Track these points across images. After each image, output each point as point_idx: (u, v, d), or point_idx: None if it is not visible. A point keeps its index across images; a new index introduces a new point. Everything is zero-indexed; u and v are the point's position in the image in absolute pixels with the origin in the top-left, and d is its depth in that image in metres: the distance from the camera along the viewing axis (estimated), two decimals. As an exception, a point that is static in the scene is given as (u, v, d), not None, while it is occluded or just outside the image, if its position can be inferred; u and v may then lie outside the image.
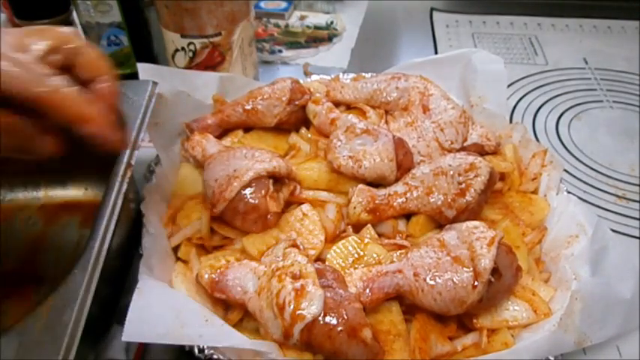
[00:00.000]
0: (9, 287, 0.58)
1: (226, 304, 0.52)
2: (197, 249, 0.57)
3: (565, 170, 0.74)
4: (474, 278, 0.46)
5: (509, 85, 0.92)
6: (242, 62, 0.80)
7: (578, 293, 0.49)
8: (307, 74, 0.90)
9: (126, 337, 0.43)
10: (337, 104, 0.73)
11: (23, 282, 0.59)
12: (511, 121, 0.80)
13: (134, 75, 0.77)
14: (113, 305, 0.55)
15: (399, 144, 0.61)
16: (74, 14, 0.81)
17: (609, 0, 1.17)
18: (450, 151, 0.64)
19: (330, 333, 0.43)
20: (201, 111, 0.71)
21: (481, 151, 0.65)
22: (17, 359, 0.38)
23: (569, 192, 0.61)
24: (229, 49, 0.77)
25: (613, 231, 0.57)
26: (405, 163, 0.60)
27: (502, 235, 0.49)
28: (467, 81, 0.75)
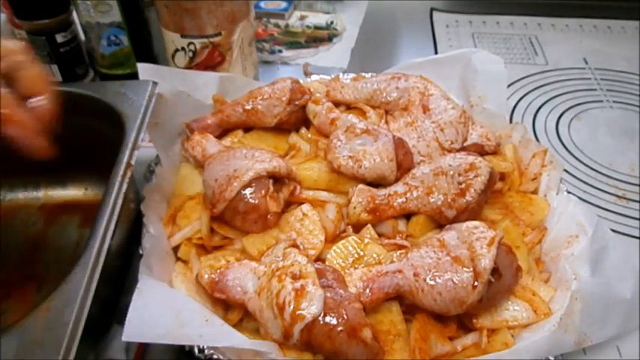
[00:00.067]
0: (9, 287, 0.58)
1: (226, 304, 0.52)
2: (197, 249, 0.57)
3: (565, 170, 0.74)
4: (474, 278, 0.46)
5: (509, 85, 0.92)
6: (242, 62, 0.80)
7: (578, 293, 0.49)
8: (307, 74, 0.90)
9: (126, 337, 0.43)
10: (337, 104, 0.73)
11: (23, 282, 0.59)
12: (511, 121, 0.80)
13: (134, 75, 0.77)
14: (113, 305, 0.55)
15: (399, 144, 0.61)
16: (74, 14, 0.81)
17: (609, 0, 1.17)
18: (450, 151, 0.64)
19: (330, 333, 0.43)
20: (201, 111, 0.71)
21: (481, 151, 0.65)
22: (17, 359, 0.38)
23: (569, 192, 0.61)
24: (229, 49, 0.77)
25: (613, 231, 0.57)
26: (405, 163, 0.60)
27: (502, 235, 0.49)
28: (467, 81, 0.75)
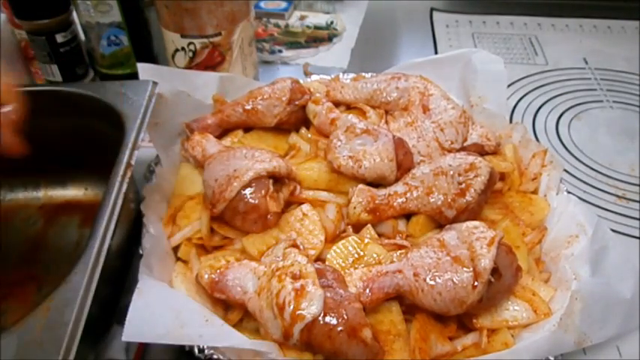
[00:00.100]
0: (9, 287, 0.58)
1: (226, 304, 0.52)
2: (197, 249, 0.57)
3: (565, 170, 0.74)
4: (474, 278, 0.46)
5: (509, 85, 0.92)
6: (242, 62, 0.80)
7: (578, 293, 0.49)
8: (307, 74, 0.89)
9: (126, 337, 0.43)
10: (337, 104, 0.73)
11: (23, 282, 0.59)
12: (511, 121, 0.80)
13: (134, 75, 0.77)
14: (113, 305, 0.55)
15: (399, 144, 0.61)
16: (74, 14, 0.81)
17: (609, 0, 1.17)
18: (450, 151, 0.64)
19: (330, 333, 0.43)
20: (201, 111, 0.71)
21: (481, 151, 0.65)
22: (17, 359, 0.38)
23: (569, 192, 0.61)
24: (229, 49, 0.77)
25: (613, 231, 0.57)
26: (405, 163, 0.60)
27: (502, 235, 0.49)
28: (467, 81, 0.75)
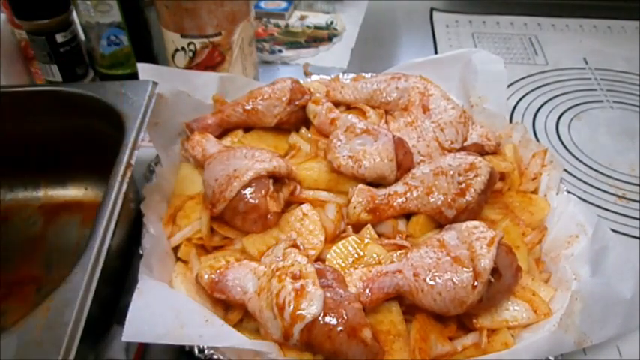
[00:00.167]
0: (9, 287, 0.58)
1: (226, 304, 0.52)
2: (197, 249, 0.57)
3: (565, 170, 0.74)
4: (474, 278, 0.46)
5: (509, 85, 0.92)
6: (242, 62, 0.80)
7: (578, 293, 0.49)
8: (307, 74, 0.89)
9: (126, 337, 0.43)
10: (337, 104, 0.73)
11: (23, 282, 0.59)
12: (511, 121, 0.80)
13: (134, 75, 0.77)
14: (113, 305, 0.55)
15: (399, 144, 0.61)
16: (74, 14, 0.81)
17: (609, 0, 1.17)
18: (450, 151, 0.64)
19: (330, 333, 0.43)
20: (201, 111, 0.71)
21: (481, 151, 0.65)
22: (17, 359, 0.38)
23: (569, 192, 0.61)
24: (229, 49, 0.77)
25: (613, 231, 0.56)
26: (405, 163, 0.60)
27: (502, 235, 0.49)
28: (467, 81, 0.75)
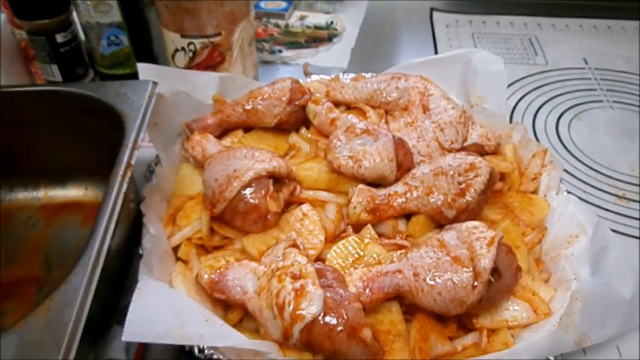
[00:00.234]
0: (9, 287, 0.58)
1: (226, 304, 0.52)
2: (197, 249, 0.57)
3: (565, 170, 0.74)
4: (474, 278, 0.46)
5: (509, 85, 0.92)
6: (242, 62, 0.80)
7: (578, 293, 0.49)
8: (307, 74, 0.89)
9: (126, 337, 0.43)
10: (337, 104, 0.73)
11: (23, 282, 0.59)
12: (511, 121, 0.80)
13: (134, 75, 0.77)
14: (113, 305, 0.55)
15: (399, 144, 0.60)
16: (74, 14, 0.81)
17: (609, 0, 1.17)
18: (450, 151, 0.64)
19: (330, 333, 0.43)
20: (201, 111, 0.71)
21: (481, 151, 0.65)
22: (17, 359, 0.38)
23: (569, 192, 0.61)
24: (229, 49, 0.77)
25: (613, 231, 0.56)
26: (405, 163, 0.60)
27: (502, 235, 0.49)
28: (467, 81, 0.75)
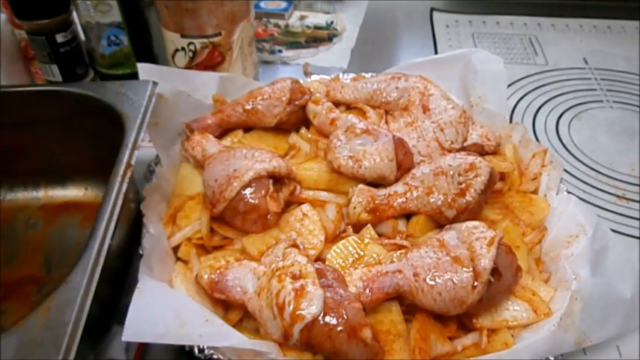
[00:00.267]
0: (9, 287, 0.58)
1: (226, 304, 0.52)
2: (197, 249, 0.57)
3: (565, 170, 0.74)
4: (474, 278, 0.46)
5: (509, 85, 0.92)
6: (242, 62, 0.80)
7: (578, 293, 0.49)
8: (307, 74, 0.89)
9: (126, 337, 0.43)
10: (337, 104, 0.73)
11: (23, 282, 0.59)
12: (511, 121, 0.80)
13: (134, 75, 0.77)
14: (113, 305, 0.55)
15: (399, 144, 0.60)
16: (74, 14, 0.81)
17: (609, 0, 1.17)
18: (450, 151, 0.64)
19: (330, 333, 0.43)
20: (201, 111, 0.71)
21: (481, 151, 0.65)
22: (17, 359, 0.38)
23: (569, 192, 0.61)
24: (229, 49, 0.77)
25: (613, 231, 0.56)
26: (405, 163, 0.60)
27: (502, 235, 0.49)
28: (467, 81, 0.75)
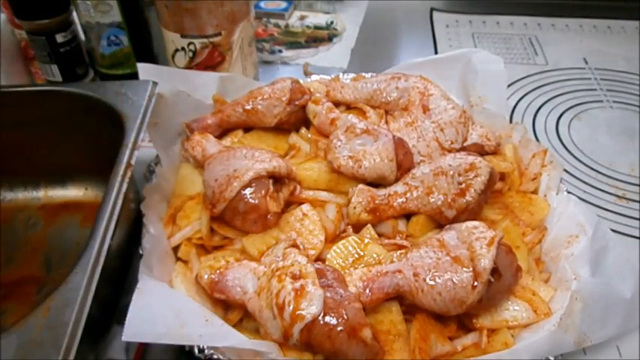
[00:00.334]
0: (9, 287, 0.58)
1: (226, 304, 0.52)
2: (197, 249, 0.57)
3: (565, 170, 0.74)
4: (474, 278, 0.46)
5: (509, 85, 0.92)
6: (242, 62, 0.80)
7: (578, 293, 0.49)
8: (307, 74, 0.89)
9: (126, 337, 0.43)
10: (337, 104, 0.73)
11: (23, 282, 0.59)
12: (511, 121, 0.80)
13: (134, 75, 0.77)
14: (113, 305, 0.55)
15: (399, 144, 0.61)
16: (74, 14, 0.81)
17: (609, 0, 1.17)
18: (450, 151, 0.64)
19: (330, 333, 0.43)
20: (201, 111, 0.71)
21: (481, 151, 0.65)
22: (17, 359, 0.38)
23: (569, 192, 0.61)
24: (229, 49, 0.77)
25: (613, 231, 0.56)
26: (405, 163, 0.60)
27: (502, 235, 0.49)
28: (467, 81, 0.75)
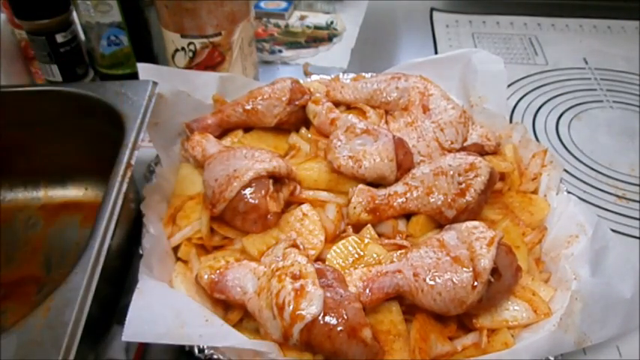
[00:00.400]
0: (9, 287, 0.58)
1: (226, 304, 0.52)
2: (197, 249, 0.57)
3: (565, 170, 0.74)
4: (474, 278, 0.46)
5: (509, 85, 0.92)
6: (242, 62, 0.80)
7: (578, 293, 0.49)
8: (307, 74, 0.89)
9: (126, 337, 0.43)
10: (337, 104, 0.73)
11: (23, 282, 0.59)
12: (511, 121, 0.80)
13: (134, 75, 0.77)
14: (113, 305, 0.55)
15: (399, 144, 0.61)
16: (74, 14, 0.81)
17: (609, 0, 1.17)
18: (450, 151, 0.64)
19: (330, 333, 0.43)
20: (201, 111, 0.71)
21: (481, 151, 0.65)
22: (17, 359, 0.38)
23: (569, 192, 0.61)
24: (229, 49, 0.77)
25: (613, 231, 0.56)
26: (405, 163, 0.60)
27: (502, 235, 0.49)
28: (467, 81, 0.75)
